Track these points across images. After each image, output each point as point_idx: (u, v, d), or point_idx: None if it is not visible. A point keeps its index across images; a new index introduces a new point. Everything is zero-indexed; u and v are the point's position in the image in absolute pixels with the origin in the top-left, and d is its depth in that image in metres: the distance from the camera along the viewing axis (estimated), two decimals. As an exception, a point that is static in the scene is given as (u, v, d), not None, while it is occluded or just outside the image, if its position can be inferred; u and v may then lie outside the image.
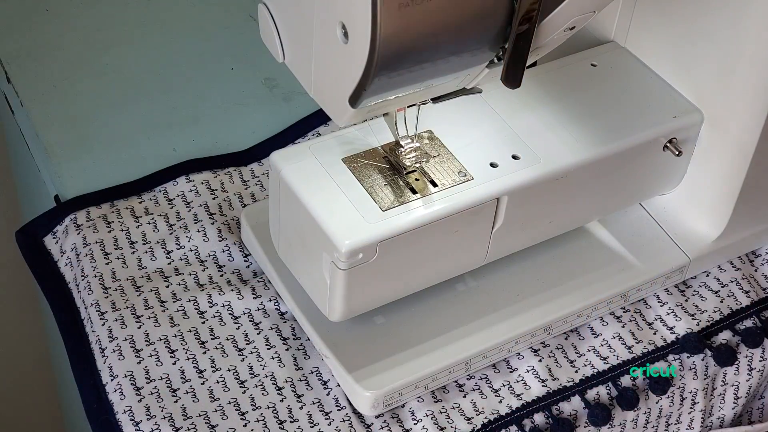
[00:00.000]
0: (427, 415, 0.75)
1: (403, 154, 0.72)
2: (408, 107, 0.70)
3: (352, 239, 0.68)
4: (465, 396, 0.76)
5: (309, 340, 0.78)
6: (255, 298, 0.80)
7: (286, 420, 0.74)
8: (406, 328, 0.77)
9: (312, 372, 0.76)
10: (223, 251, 0.83)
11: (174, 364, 0.76)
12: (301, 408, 0.75)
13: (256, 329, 0.78)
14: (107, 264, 0.82)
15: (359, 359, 0.74)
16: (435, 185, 0.71)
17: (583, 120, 0.77)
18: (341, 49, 0.60)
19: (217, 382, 0.75)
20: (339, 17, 0.59)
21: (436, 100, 0.68)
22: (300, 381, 0.76)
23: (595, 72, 0.82)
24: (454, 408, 0.76)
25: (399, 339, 0.76)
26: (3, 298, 1.37)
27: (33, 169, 0.94)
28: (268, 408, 0.74)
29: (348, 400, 0.75)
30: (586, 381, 0.78)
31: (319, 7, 0.61)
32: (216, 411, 0.74)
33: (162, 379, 0.75)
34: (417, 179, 0.72)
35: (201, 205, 0.86)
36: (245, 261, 0.83)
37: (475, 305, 0.79)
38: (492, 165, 0.73)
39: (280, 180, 0.72)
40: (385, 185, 0.71)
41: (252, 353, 0.77)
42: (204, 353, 0.77)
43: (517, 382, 0.77)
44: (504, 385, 0.77)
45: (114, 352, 0.76)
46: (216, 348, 0.77)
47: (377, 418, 0.75)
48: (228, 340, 0.77)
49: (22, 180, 1.12)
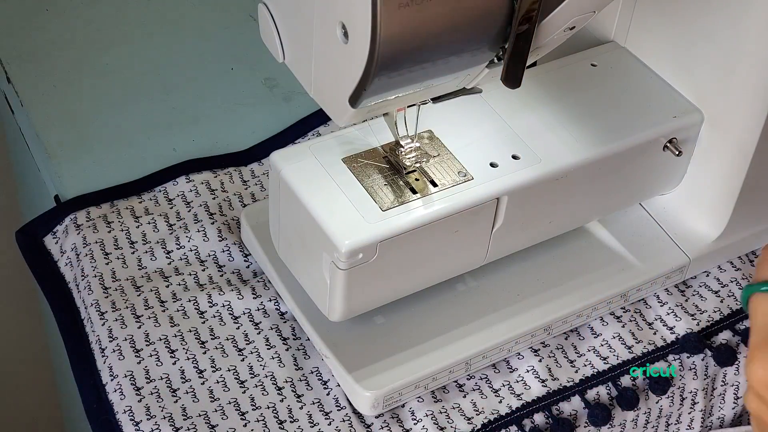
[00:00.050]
0: (427, 415, 0.75)
1: (403, 154, 0.72)
2: (408, 107, 0.70)
3: (352, 239, 0.68)
4: (465, 396, 0.76)
5: (309, 340, 0.78)
6: (255, 298, 0.80)
7: (286, 420, 0.74)
8: (406, 328, 0.77)
9: (312, 372, 0.76)
10: (223, 251, 0.83)
11: (174, 364, 0.76)
12: (301, 408, 0.75)
13: (256, 329, 0.78)
14: (107, 264, 0.82)
15: (359, 359, 0.74)
16: (435, 185, 0.71)
17: (583, 120, 0.77)
18: (341, 49, 0.60)
19: (217, 382, 0.75)
20: (339, 17, 0.59)
21: (436, 100, 0.68)
22: (300, 381, 0.76)
23: (595, 72, 0.82)
24: (454, 408, 0.76)
25: (399, 339, 0.76)
26: (3, 298, 1.37)
27: (33, 169, 0.94)
28: (268, 408, 0.74)
29: (348, 400, 0.75)
30: (586, 381, 0.78)
31: (319, 7, 0.61)
32: (216, 411, 0.74)
33: (162, 379, 0.75)
34: (417, 179, 0.72)
35: (201, 205, 0.86)
36: (245, 261, 0.83)
37: (475, 305, 0.79)
38: (492, 165, 0.73)
39: (280, 180, 0.72)
40: (385, 185, 0.71)
41: (252, 353, 0.77)
42: (204, 353, 0.77)
43: (517, 382, 0.77)
44: (504, 385, 0.77)
45: (114, 352, 0.76)
46: (216, 348, 0.77)
47: (377, 418, 0.75)
48: (228, 340, 0.77)
49: (22, 180, 1.12)
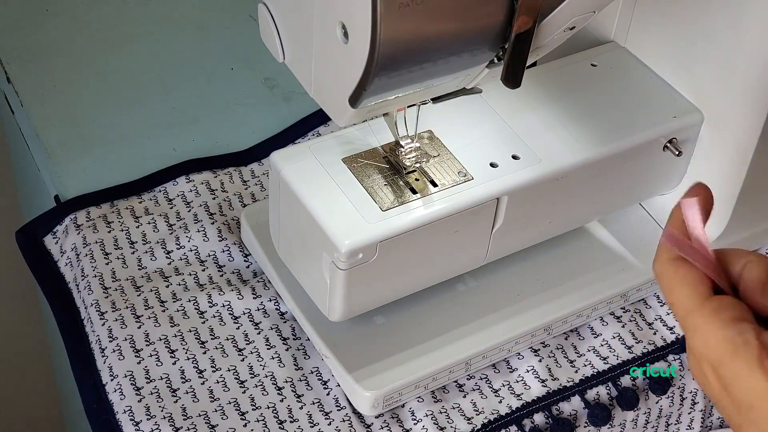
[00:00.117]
0: (427, 415, 0.75)
1: (403, 154, 0.72)
2: (408, 107, 0.70)
3: (352, 239, 0.68)
4: (465, 396, 0.76)
5: (309, 340, 0.78)
6: (255, 298, 0.80)
7: (286, 420, 0.74)
8: (406, 328, 0.77)
9: (312, 372, 0.76)
10: (223, 251, 0.83)
11: (174, 364, 0.76)
12: (301, 408, 0.74)
13: (256, 329, 0.78)
14: (107, 264, 0.82)
15: (359, 359, 0.74)
16: (435, 185, 0.71)
17: (583, 120, 0.77)
18: (341, 49, 0.60)
19: (217, 382, 0.75)
20: (339, 17, 0.59)
21: (436, 100, 0.68)
22: (300, 381, 0.76)
23: (595, 72, 0.82)
24: (454, 408, 0.76)
25: (399, 339, 0.76)
26: (3, 298, 1.37)
27: (33, 169, 0.94)
28: (268, 408, 0.74)
29: (348, 400, 0.75)
30: (586, 381, 0.78)
31: (319, 7, 0.61)
32: (216, 411, 0.74)
33: (162, 379, 0.75)
34: (417, 179, 0.72)
35: (201, 205, 0.86)
36: (245, 261, 0.83)
37: (475, 305, 0.79)
38: (492, 165, 0.73)
39: (280, 180, 0.72)
40: (385, 185, 0.71)
41: (252, 353, 0.77)
42: (204, 353, 0.77)
43: (517, 382, 0.77)
44: (504, 385, 0.77)
45: (114, 352, 0.76)
46: (216, 348, 0.77)
47: (377, 418, 0.75)
48: (228, 340, 0.77)
49: (22, 180, 1.12)
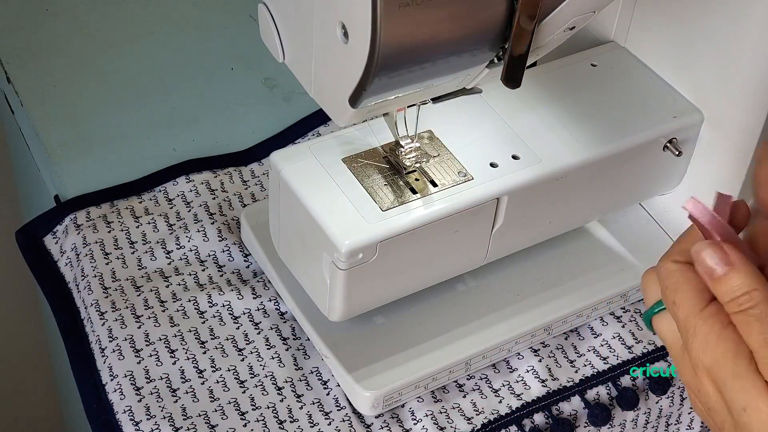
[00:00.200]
0: (427, 415, 0.75)
1: (403, 154, 0.72)
2: (408, 107, 0.70)
3: (352, 239, 0.68)
4: (465, 396, 0.76)
5: (309, 340, 0.78)
6: (255, 298, 0.80)
7: (286, 420, 0.74)
8: (406, 328, 0.77)
9: (312, 372, 0.76)
10: (223, 251, 0.83)
11: (174, 364, 0.76)
12: (301, 408, 0.75)
13: (256, 329, 0.78)
14: (107, 264, 0.82)
15: (359, 359, 0.74)
16: (435, 185, 0.71)
17: (583, 120, 0.77)
18: (341, 49, 0.60)
19: (217, 382, 0.75)
20: (339, 17, 0.59)
21: (436, 100, 0.68)
22: (300, 381, 0.76)
23: (595, 72, 0.82)
24: (454, 408, 0.76)
25: (399, 339, 0.76)
26: (3, 298, 1.37)
27: (33, 169, 0.94)
28: (268, 408, 0.74)
29: (348, 400, 0.75)
30: (586, 381, 0.78)
31: (319, 7, 0.61)
32: (216, 411, 0.74)
33: (162, 379, 0.75)
34: (417, 179, 0.72)
35: (201, 205, 0.86)
36: (245, 261, 0.83)
37: (475, 305, 0.79)
38: (492, 165, 0.73)
39: (280, 180, 0.72)
40: (385, 185, 0.71)
41: (252, 353, 0.77)
42: (204, 353, 0.77)
43: (517, 382, 0.77)
44: (504, 385, 0.77)
45: (114, 352, 0.76)
46: (216, 348, 0.77)
47: (377, 418, 0.75)
48: (228, 340, 0.77)
49: (22, 180, 1.12)
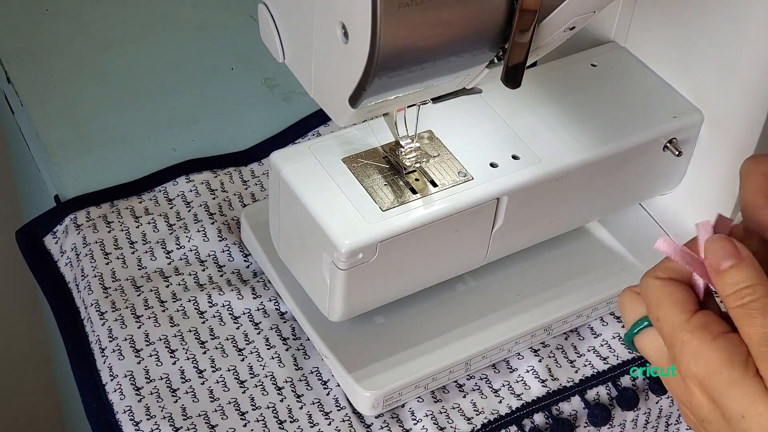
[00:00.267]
0: (427, 415, 0.75)
1: (403, 154, 0.72)
2: (408, 107, 0.70)
3: (352, 239, 0.68)
4: (465, 396, 0.76)
5: (309, 340, 0.78)
6: (255, 298, 0.80)
7: (286, 420, 0.74)
8: (406, 328, 0.77)
9: (312, 372, 0.76)
10: (223, 251, 0.83)
11: (174, 364, 0.76)
12: (301, 408, 0.74)
13: (256, 329, 0.78)
14: (107, 264, 0.82)
15: (359, 359, 0.74)
16: (435, 185, 0.71)
17: (583, 120, 0.77)
18: (341, 49, 0.60)
19: (217, 382, 0.75)
20: (339, 17, 0.59)
21: (436, 100, 0.68)
22: (300, 381, 0.76)
23: (595, 72, 0.82)
24: (454, 408, 0.76)
25: (399, 339, 0.76)
26: (3, 298, 1.37)
27: (33, 169, 0.94)
28: (268, 408, 0.74)
29: (348, 400, 0.75)
30: (586, 381, 0.78)
31: (319, 7, 0.61)
32: (216, 411, 0.74)
33: (162, 379, 0.75)
34: (417, 179, 0.72)
35: (201, 205, 0.86)
36: (245, 261, 0.83)
37: (475, 305, 0.79)
38: (492, 165, 0.73)
39: (280, 180, 0.72)
40: (385, 185, 0.71)
41: (252, 353, 0.77)
42: (204, 353, 0.77)
43: (517, 382, 0.77)
44: (504, 385, 0.77)
45: (114, 352, 0.76)
46: (216, 348, 0.77)
47: (377, 418, 0.75)
48: (228, 340, 0.77)
49: (22, 180, 1.12)
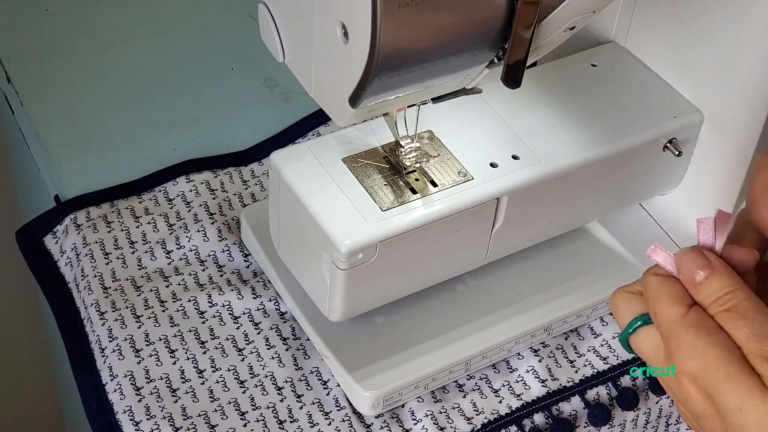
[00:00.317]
0: (427, 415, 0.75)
1: (403, 154, 0.72)
2: (408, 107, 0.70)
3: (352, 239, 0.68)
4: (465, 396, 0.76)
5: (309, 340, 0.78)
6: (255, 298, 0.80)
7: (286, 420, 0.74)
8: (406, 328, 0.77)
9: (312, 372, 0.76)
10: (223, 251, 0.83)
11: (174, 364, 0.76)
12: (301, 408, 0.75)
13: (256, 329, 0.78)
14: (107, 264, 0.82)
15: (359, 359, 0.74)
16: (435, 185, 0.71)
17: (583, 120, 0.77)
18: (341, 49, 0.60)
19: (217, 382, 0.75)
20: (339, 17, 0.59)
21: (436, 100, 0.68)
22: (300, 381, 0.76)
23: (595, 72, 0.82)
24: (454, 408, 0.76)
25: (399, 339, 0.76)
26: (3, 298, 1.37)
27: (33, 169, 0.94)
28: (268, 408, 0.74)
29: (348, 400, 0.75)
30: (586, 381, 0.78)
31: (319, 7, 0.61)
32: (216, 411, 0.74)
33: (162, 379, 0.75)
34: (417, 179, 0.72)
35: (201, 205, 0.86)
36: (245, 261, 0.83)
37: (475, 305, 0.79)
38: (492, 165, 0.73)
39: (280, 180, 0.72)
40: (385, 185, 0.71)
41: (252, 353, 0.77)
42: (204, 353, 0.77)
43: (517, 382, 0.77)
44: (504, 385, 0.77)
45: (114, 352, 0.76)
46: (216, 348, 0.77)
47: (377, 418, 0.75)
48: (228, 340, 0.77)
49: (22, 180, 1.12)
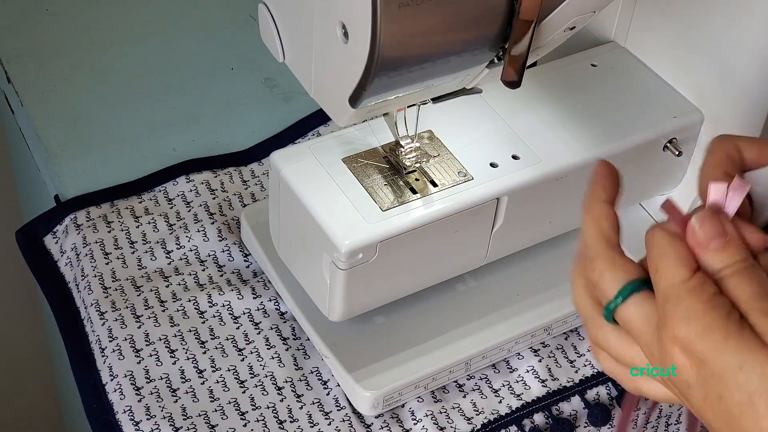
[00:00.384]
0: (427, 415, 0.75)
1: (403, 154, 0.72)
2: (408, 107, 0.70)
3: (352, 239, 0.68)
4: (465, 396, 0.76)
5: (309, 340, 0.78)
6: (255, 298, 0.80)
7: (286, 420, 0.74)
8: (406, 328, 0.77)
9: (312, 372, 0.76)
10: (223, 251, 0.83)
11: (174, 364, 0.76)
12: (301, 408, 0.75)
13: (256, 329, 0.78)
14: (107, 264, 0.82)
15: (359, 359, 0.74)
16: (435, 185, 0.71)
17: (583, 120, 0.77)
18: (341, 49, 0.60)
19: (217, 382, 0.75)
20: (339, 17, 0.59)
21: (436, 100, 0.68)
22: (300, 381, 0.76)
23: (595, 72, 0.82)
24: (454, 408, 0.76)
25: (399, 339, 0.76)
26: (3, 298, 1.37)
27: (33, 169, 0.94)
28: (268, 408, 0.74)
29: (348, 400, 0.75)
30: (586, 381, 0.78)
31: (319, 7, 0.61)
32: (216, 411, 0.74)
33: (162, 379, 0.75)
34: (417, 179, 0.72)
35: (201, 205, 0.86)
36: (245, 261, 0.83)
37: (475, 305, 0.79)
38: (492, 165, 0.73)
39: (280, 180, 0.72)
40: (385, 185, 0.71)
41: (252, 353, 0.77)
42: (204, 353, 0.77)
43: (517, 382, 0.77)
44: (504, 385, 0.77)
45: (114, 352, 0.76)
46: (216, 348, 0.77)
47: (377, 418, 0.75)
48: (228, 340, 0.77)
49: (22, 180, 1.12)
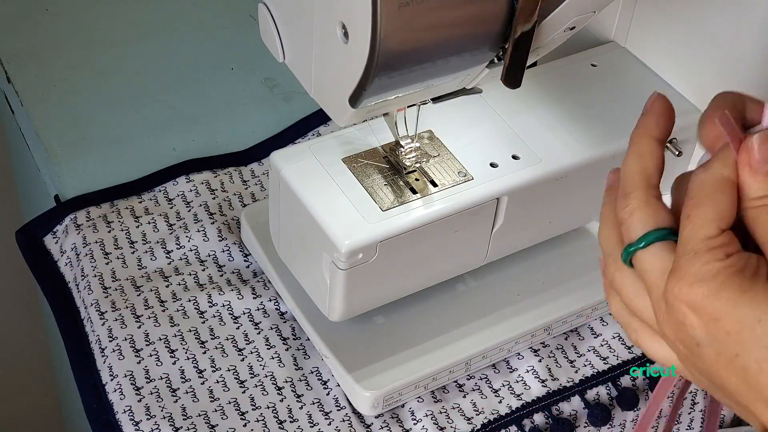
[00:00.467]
0: (427, 415, 0.75)
1: (403, 154, 0.72)
2: (408, 107, 0.70)
3: (352, 239, 0.68)
4: (465, 396, 0.76)
5: (309, 340, 0.78)
6: (255, 298, 0.80)
7: (286, 420, 0.74)
8: (406, 328, 0.77)
9: (312, 372, 0.76)
10: (223, 251, 0.83)
11: (174, 363, 0.76)
12: (301, 408, 0.75)
13: (256, 329, 0.78)
14: (107, 264, 0.82)
15: (359, 359, 0.74)
16: (435, 185, 0.71)
17: (583, 120, 0.77)
18: (341, 49, 0.60)
19: (217, 382, 0.75)
20: (339, 17, 0.59)
21: (436, 100, 0.68)
22: (300, 381, 0.76)
23: (595, 72, 0.82)
24: (454, 408, 0.76)
25: (399, 339, 0.76)
26: (3, 298, 1.37)
27: (33, 169, 0.94)
28: (267, 408, 0.74)
29: (348, 400, 0.75)
30: (586, 381, 0.78)
31: (319, 7, 0.61)
32: (216, 411, 0.74)
33: (162, 379, 0.75)
34: (417, 179, 0.72)
35: (201, 205, 0.86)
36: (245, 261, 0.83)
37: (475, 305, 0.79)
38: (492, 165, 0.73)
39: (280, 180, 0.72)
40: (385, 185, 0.71)
41: (252, 353, 0.77)
42: (204, 353, 0.77)
43: (517, 382, 0.77)
44: (504, 385, 0.77)
45: (114, 351, 0.76)
46: (216, 348, 0.77)
47: (377, 418, 0.75)
48: (228, 340, 0.77)
49: (22, 180, 1.12)
